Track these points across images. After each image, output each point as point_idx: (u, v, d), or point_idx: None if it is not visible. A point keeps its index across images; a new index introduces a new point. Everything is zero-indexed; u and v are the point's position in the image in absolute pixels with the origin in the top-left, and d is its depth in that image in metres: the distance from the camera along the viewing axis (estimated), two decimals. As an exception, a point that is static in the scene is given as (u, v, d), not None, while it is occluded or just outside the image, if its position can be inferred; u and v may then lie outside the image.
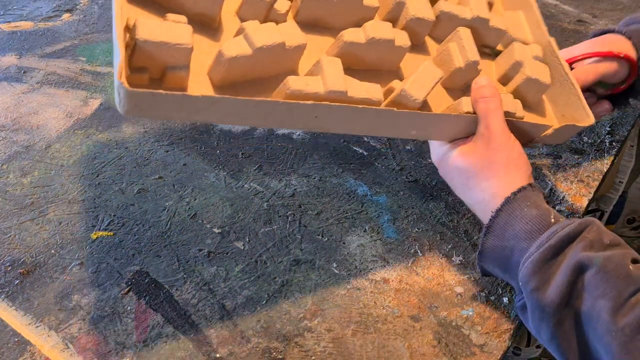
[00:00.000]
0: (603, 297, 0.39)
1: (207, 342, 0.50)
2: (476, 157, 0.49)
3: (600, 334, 0.38)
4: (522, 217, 0.44)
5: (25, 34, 1.06)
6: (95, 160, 0.72)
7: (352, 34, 0.45)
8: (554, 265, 0.41)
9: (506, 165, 0.47)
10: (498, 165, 0.47)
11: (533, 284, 0.41)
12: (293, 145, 0.74)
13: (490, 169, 0.47)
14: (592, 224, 0.43)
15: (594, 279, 0.39)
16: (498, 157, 0.48)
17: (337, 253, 0.58)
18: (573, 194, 0.64)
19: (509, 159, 0.48)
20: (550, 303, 0.40)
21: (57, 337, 0.50)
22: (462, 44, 0.51)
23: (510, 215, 0.45)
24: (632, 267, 0.40)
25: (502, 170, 0.47)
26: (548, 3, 1.14)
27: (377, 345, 0.49)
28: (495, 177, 0.47)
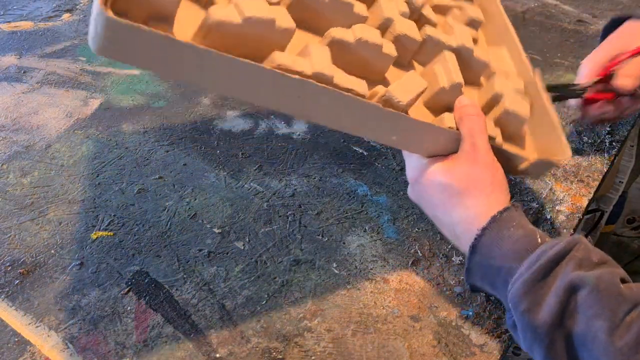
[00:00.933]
0: (598, 318, 0.38)
1: (207, 342, 0.50)
2: (461, 174, 0.47)
3: (597, 355, 0.38)
4: (509, 237, 0.44)
5: (25, 34, 1.06)
6: (95, 160, 0.72)
7: (340, 32, 0.45)
8: (545, 286, 0.41)
9: (492, 185, 0.47)
10: (483, 184, 0.47)
11: (524, 305, 0.41)
12: (293, 145, 0.74)
13: (476, 188, 0.47)
14: (579, 242, 0.43)
15: (587, 299, 0.39)
16: (484, 176, 0.47)
17: (337, 253, 0.58)
18: (573, 193, 0.64)
19: (494, 179, 0.47)
20: (543, 324, 0.40)
21: (57, 337, 0.50)
22: (447, 65, 0.51)
23: (497, 234, 0.44)
24: (623, 286, 0.40)
25: (487, 189, 0.46)
26: (548, 3, 1.14)
27: (377, 345, 0.49)
28: (480, 195, 0.46)
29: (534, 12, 1.10)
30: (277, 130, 0.77)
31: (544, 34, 1.02)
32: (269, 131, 0.77)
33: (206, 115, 0.81)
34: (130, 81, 0.90)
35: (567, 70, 0.89)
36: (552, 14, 1.09)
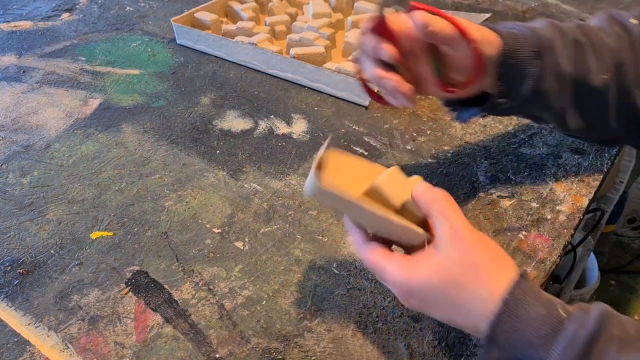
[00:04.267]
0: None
1: (206, 343, 0.50)
2: (454, 266, 0.41)
3: None
4: (530, 320, 0.38)
5: (24, 34, 1.06)
6: (95, 160, 0.72)
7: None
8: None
9: (492, 261, 0.41)
10: (485, 264, 0.41)
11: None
12: (293, 145, 0.74)
13: (478, 272, 0.40)
14: (607, 315, 0.38)
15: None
16: (481, 256, 0.41)
17: (337, 253, 0.58)
18: (573, 193, 0.64)
19: (492, 254, 0.41)
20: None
21: (57, 337, 0.50)
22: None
23: (514, 319, 0.38)
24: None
25: (491, 268, 0.41)
26: (548, 3, 1.14)
27: (377, 345, 0.49)
28: (487, 279, 0.40)
29: (534, 12, 1.10)
30: (277, 130, 0.77)
31: (544, 33, 1.01)
32: (269, 131, 0.77)
33: (206, 115, 0.81)
34: (129, 81, 0.90)
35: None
36: (552, 14, 1.09)
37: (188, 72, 0.91)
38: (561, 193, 0.64)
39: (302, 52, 0.87)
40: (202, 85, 0.88)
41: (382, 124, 0.78)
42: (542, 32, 0.53)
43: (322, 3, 1.03)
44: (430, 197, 0.43)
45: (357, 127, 0.77)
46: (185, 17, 0.99)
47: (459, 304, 0.41)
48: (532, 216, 0.61)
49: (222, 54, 0.95)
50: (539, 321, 0.38)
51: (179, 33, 0.99)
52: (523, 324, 0.38)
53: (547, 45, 0.53)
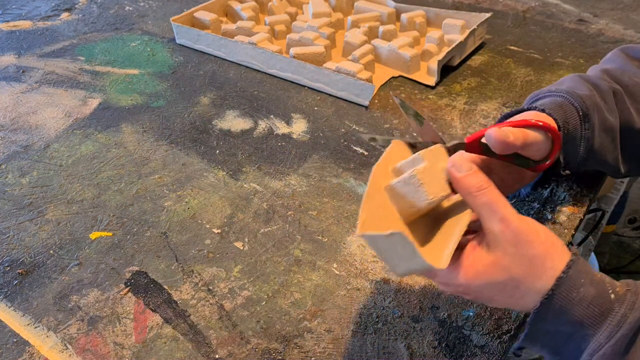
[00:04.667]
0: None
1: (206, 343, 0.49)
2: (511, 261, 0.40)
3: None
4: (581, 301, 0.39)
5: (24, 34, 1.06)
6: (94, 160, 0.72)
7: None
8: (630, 358, 0.37)
9: (546, 251, 0.40)
10: (540, 256, 0.40)
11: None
12: (293, 145, 0.74)
13: (535, 266, 0.40)
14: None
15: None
16: (535, 248, 0.40)
17: (337, 253, 0.58)
18: (574, 193, 0.63)
19: (545, 244, 0.40)
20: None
21: (56, 337, 0.50)
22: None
23: (566, 298, 0.39)
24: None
25: (547, 260, 0.40)
26: (549, 2, 1.14)
27: (377, 345, 0.49)
28: (544, 271, 0.40)
29: (534, 12, 1.10)
30: (277, 130, 0.77)
31: (545, 33, 1.01)
32: (269, 131, 0.77)
33: (205, 115, 0.80)
34: (129, 81, 0.90)
35: (567, 70, 0.89)
36: (552, 14, 1.09)
37: (188, 72, 0.91)
38: (562, 193, 0.64)
39: (302, 51, 0.87)
40: (201, 85, 0.88)
41: (382, 124, 0.77)
42: (580, 93, 0.55)
43: (322, 3, 1.02)
44: (474, 185, 0.41)
45: (357, 127, 0.77)
46: (185, 17, 0.99)
47: (516, 298, 0.41)
48: (533, 216, 0.61)
49: (222, 53, 0.94)
50: (588, 303, 0.39)
51: (179, 33, 0.98)
52: (573, 304, 0.39)
53: (590, 105, 0.54)
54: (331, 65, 0.84)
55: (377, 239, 0.40)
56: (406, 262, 0.40)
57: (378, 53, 0.91)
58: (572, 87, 0.56)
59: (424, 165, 0.43)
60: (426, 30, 1.00)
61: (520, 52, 0.95)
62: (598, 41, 0.98)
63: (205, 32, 0.95)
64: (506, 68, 0.90)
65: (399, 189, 0.43)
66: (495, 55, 0.94)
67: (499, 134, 0.47)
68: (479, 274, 0.41)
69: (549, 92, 0.56)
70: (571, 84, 0.57)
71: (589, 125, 0.54)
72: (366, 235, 0.40)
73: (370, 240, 0.41)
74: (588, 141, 0.54)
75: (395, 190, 0.43)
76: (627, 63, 0.61)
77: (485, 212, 0.41)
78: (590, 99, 0.54)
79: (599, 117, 0.55)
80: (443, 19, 0.98)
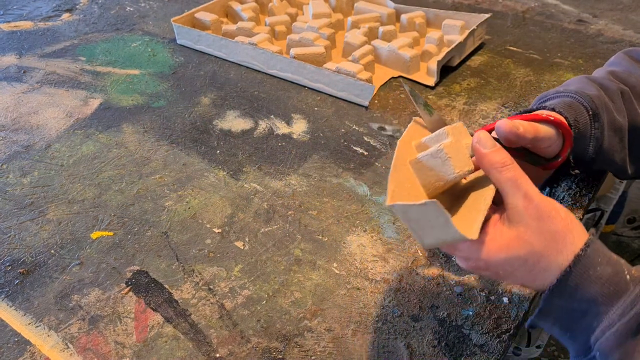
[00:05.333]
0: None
1: (206, 342, 0.50)
2: (533, 235, 0.41)
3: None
4: (597, 278, 0.39)
5: (25, 34, 1.06)
6: (95, 160, 0.72)
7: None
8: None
9: (567, 227, 0.41)
10: (563, 233, 0.41)
11: (616, 356, 0.38)
12: (293, 145, 0.74)
13: (557, 241, 0.41)
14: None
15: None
16: (557, 224, 0.41)
17: (337, 252, 0.58)
18: (573, 193, 0.64)
19: (565, 220, 0.41)
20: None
21: (57, 337, 0.50)
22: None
23: (583, 276, 0.40)
24: None
25: (568, 236, 0.41)
26: (548, 3, 1.14)
27: (377, 345, 0.49)
28: (565, 246, 0.41)
29: (534, 12, 1.10)
30: (277, 130, 0.77)
31: (544, 33, 1.01)
32: (269, 131, 0.77)
33: (206, 115, 0.81)
34: (130, 81, 0.90)
35: (567, 70, 0.89)
36: (552, 14, 1.09)
37: (188, 72, 0.92)
38: (561, 193, 0.64)
39: (302, 52, 0.87)
40: (202, 85, 0.88)
41: (382, 124, 0.78)
42: (589, 93, 0.55)
43: (322, 3, 1.03)
44: (498, 161, 0.42)
45: (357, 127, 0.77)
46: (186, 17, 0.99)
47: (537, 273, 0.41)
48: (531, 216, 0.61)
49: (222, 54, 0.95)
50: (605, 281, 0.39)
51: (179, 33, 0.99)
52: (590, 281, 0.40)
53: (600, 105, 0.54)
54: (331, 65, 0.84)
55: (410, 209, 0.40)
56: (436, 233, 0.40)
57: (378, 53, 0.91)
58: (581, 88, 0.56)
59: (450, 140, 0.44)
60: (426, 30, 1.00)
61: (519, 53, 0.95)
62: (597, 41, 0.98)
63: (206, 32, 0.95)
64: (505, 68, 0.90)
65: (426, 162, 0.44)
66: (495, 55, 0.95)
67: (509, 125, 0.47)
68: (501, 247, 0.41)
69: (557, 93, 0.56)
70: (579, 84, 0.57)
71: (598, 125, 0.54)
72: (397, 205, 0.40)
73: (401, 210, 0.41)
74: (597, 140, 0.54)
75: (421, 163, 0.44)
76: (632, 65, 0.61)
77: (509, 187, 0.42)
78: (599, 98, 0.55)
79: (608, 116, 0.55)
80: (443, 19, 0.98)
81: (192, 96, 0.85)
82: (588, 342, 0.40)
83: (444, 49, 0.90)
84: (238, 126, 0.78)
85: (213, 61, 0.95)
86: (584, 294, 0.40)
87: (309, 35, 0.92)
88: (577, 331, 0.41)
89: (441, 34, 0.94)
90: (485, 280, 0.55)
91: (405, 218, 0.41)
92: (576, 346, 0.42)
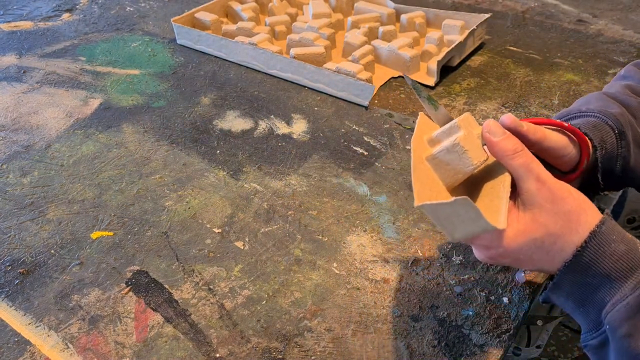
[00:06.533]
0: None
1: (206, 342, 0.50)
2: (548, 217, 0.42)
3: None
4: (612, 254, 0.40)
5: (25, 34, 1.06)
6: (95, 160, 0.72)
7: None
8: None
9: (580, 207, 0.42)
10: (575, 212, 0.42)
11: (625, 329, 0.39)
12: (293, 145, 0.74)
13: (571, 221, 0.42)
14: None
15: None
16: (571, 204, 0.42)
17: (337, 252, 0.58)
18: (573, 193, 0.64)
19: (578, 200, 0.42)
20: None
21: (57, 337, 0.50)
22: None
23: (597, 252, 0.41)
24: None
25: (582, 215, 0.42)
26: (548, 3, 1.14)
27: (377, 345, 0.49)
28: (579, 225, 0.42)
29: (534, 12, 1.10)
30: (277, 130, 0.77)
31: (544, 33, 1.02)
32: (269, 131, 0.77)
33: (206, 115, 0.81)
34: (130, 81, 0.90)
35: (567, 70, 0.89)
36: (552, 14, 1.09)
37: (188, 72, 0.92)
38: (561, 193, 0.64)
39: (302, 52, 0.88)
40: (202, 85, 0.88)
41: (382, 124, 0.78)
42: (612, 112, 0.54)
43: (322, 3, 1.03)
44: (510, 148, 0.43)
45: (357, 127, 0.77)
46: (186, 18, 0.99)
47: (554, 254, 0.42)
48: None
49: (222, 54, 0.95)
50: (619, 257, 0.40)
51: (179, 33, 0.99)
52: (604, 257, 0.40)
53: (624, 123, 0.54)
54: (331, 65, 0.84)
55: (439, 208, 0.41)
56: (467, 226, 0.41)
57: (378, 54, 0.91)
58: (603, 106, 0.55)
59: (463, 133, 0.44)
60: (426, 30, 1.00)
61: (519, 53, 0.95)
62: (597, 41, 0.98)
63: (206, 32, 0.95)
64: (505, 68, 0.91)
65: (442, 157, 0.44)
66: (495, 55, 0.95)
67: (512, 120, 0.47)
68: (519, 232, 0.42)
69: (579, 112, 0.55)
70: (600, 102, 0.56)
71: (624, 143, 0.53)
72: (427, 205, 0.41)
73: (430, 209, 0.41)
74: (624, 159, 0.54)
75: (438, 159, 0.44)
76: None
77: (522, 172, 0.43)
78: (623, 116, 0.54)
79: (633, 133, 0.54)
80: (442, 19, 0.98)
81: (192, 96, 0.85)
82: (599, 316, 0.41)
83: (444, 49, 0.90)
84: (238, 126, 0.78)
85: (213, 61, 0.95)
86: (598, 269, 0.41)
87: (309, 35, 0.92)
88: (589, 305, 0.42)
89: (441, 34, 0.94)
90: (485, 280, 0.55)
91: (434, 216, 0.42)
92: (588, 321, 0.42)
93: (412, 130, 0.77)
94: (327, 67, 0.84)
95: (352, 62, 0.87)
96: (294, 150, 0.73)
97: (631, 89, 0.59)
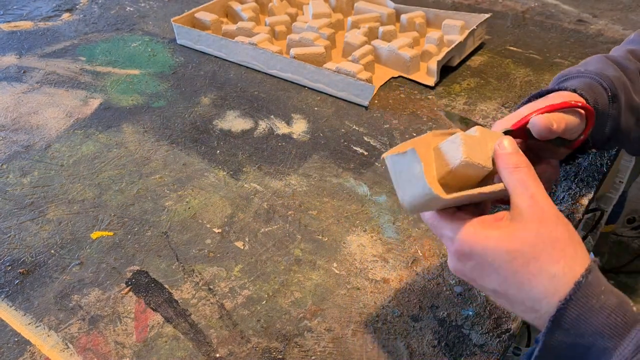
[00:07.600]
0: None
1: (206, 342, 0.50)
2: (531, 235, 0.38)
3: None
4: (602, 309, 0.36)
5: (25, 34, 1.06)
6: (95, 160, 0.72)
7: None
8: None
9: (571, 243, 0.38)
10: (563, 243, 0.38)
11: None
12: (293, 145, 0.74)
13: (555, 249, 0.38)
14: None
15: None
16: (560, 234, 0.38)
17: (337, 252, 0.58)
18: (573, 193, 0.64)
19: (571, 235, 0.39)
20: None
21: (57, 337, 0.50)
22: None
23: (585, 305, 0.36)
24: None
25: (569, 250, 0.38)
26: (548, 3, 1.14)
27: (377, 345, 0.49)
28: (563, 258, 0.37)
29: (534, 12, 1.10)
30: (277, 130, 0.77)
31: (544, 33, 1.02)
32: (269, 131, 0.77)
33: (206, 115, 0.81)
34: (130, 81, 0.90)
35: (567, 70, 0.89)
36: (552, 14, 1.09)
37: (188, 72, 0.92)
38: (561, 193, 0.64)
39: (302, 52, 0.88)
40: (202, 85, 0.88)
41: (382, 124, 0.78)
42: (608, 74, 0.55)
43: (322, 3, 1.03)
44: (513, 162, 0.42)
45: (357, 127, 0.77)
46: (186, 17, 0.99)
47: (523, 277, 0.38)
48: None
49: (222, 54, 0.95)
50: (610, 312, 0.36)
51: (179, 33, 0.99)
52: (594, 312, 0.36)
53: (619, 86, 0.55)
54: (331, 65, 0.84)
55: (396, 159, 0.42)
56: (413, 187, 0.41)
57: (378, 54, 0.91)
58: (601, 69, 0.57)
59: (473, 133, 0.45)
60: (426, 30, 1.00)
61: (519, 53, 0.95)
62: (597, 41, 0.98)
63: (206, 32, 0.95)
64: (505, 68, 0.91)
65: (443, 146, 0.44)
66: (495, 55, 0.95)
67: (544, 122, 0.48)
68: (490, 236, 0.39)
69: (578, 73, 0.57)
70: (598, 64, 0.58)
71: (616, 106, 0.55)
72: (387, 157, 0.42)
73: (391, 162, 0.42)
74: (615, 120, 0.55)
75: (439, 149, 0.44)
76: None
77: (518, 187, 0.40)
78: (618, 79, 0.55)
79: (626, 97, 0.56)
80: (442, 19, 0.98)
81: (192, 96, 0.85)
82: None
83: (444, 49, 0.90)
84: (238, 126, 0.78)
85: (213, 61, 0.95)
86: (588, 327, 0.36)
87: (309, 35, 0.92)
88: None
89: (441, 34, 0.94)
90: (485, 280, 0.55)
91: (393, 171, 0.43)
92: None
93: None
94: (327, 67, 0.84)
95: (352, 62, 0.87)
96: (294, 150, 0.73)
97: (634, 53, 0.60)
